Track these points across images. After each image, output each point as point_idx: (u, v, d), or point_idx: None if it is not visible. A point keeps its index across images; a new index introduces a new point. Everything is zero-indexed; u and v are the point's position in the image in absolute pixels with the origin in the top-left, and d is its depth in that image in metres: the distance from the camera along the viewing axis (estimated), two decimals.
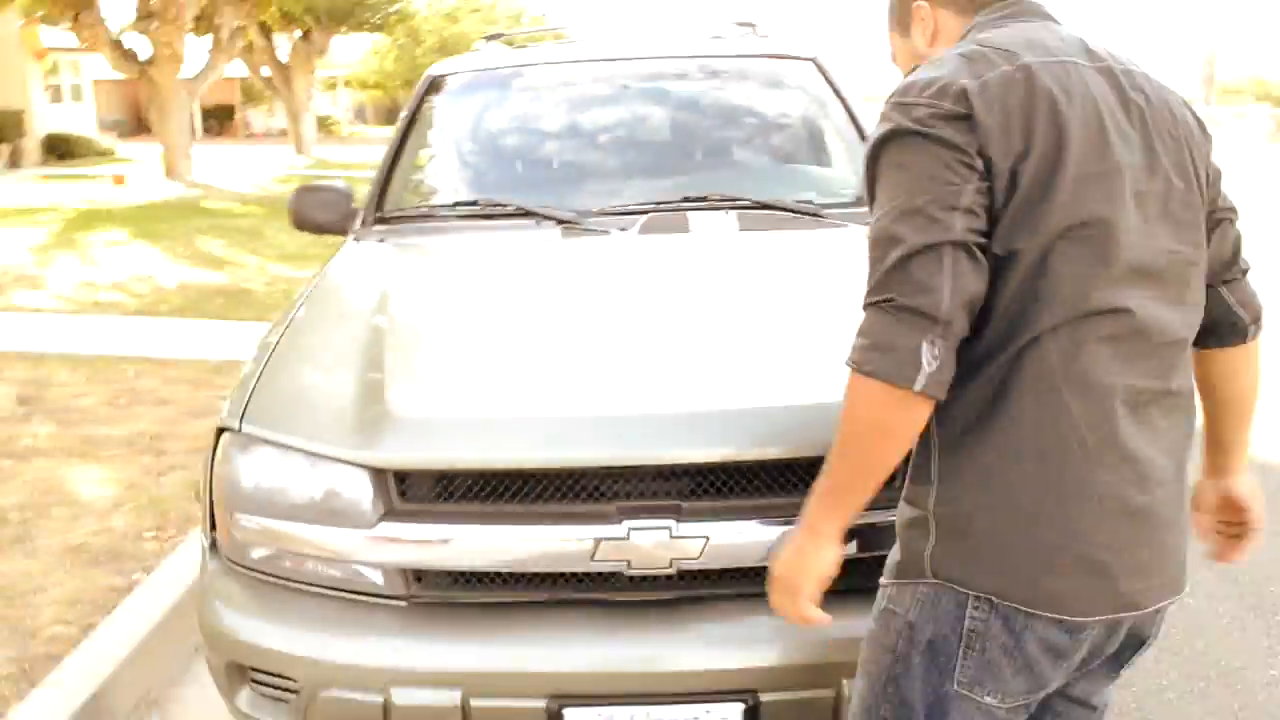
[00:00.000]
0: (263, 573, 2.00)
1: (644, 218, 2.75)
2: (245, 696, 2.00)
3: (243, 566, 2.03)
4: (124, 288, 8.04)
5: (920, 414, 1.29)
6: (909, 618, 1.41)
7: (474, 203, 3.00)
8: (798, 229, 2.77)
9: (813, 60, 3.45)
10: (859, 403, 1.31)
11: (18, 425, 4.61)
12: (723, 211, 2.80)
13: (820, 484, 1.41)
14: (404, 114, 3.45)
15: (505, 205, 2.91)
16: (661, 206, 2.83)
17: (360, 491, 1.86)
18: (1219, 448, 1.65)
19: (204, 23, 18.28)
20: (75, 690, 2.65)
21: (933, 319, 1.24)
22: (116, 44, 17.41)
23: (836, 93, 3.32)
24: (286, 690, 1.91)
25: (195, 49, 20.13)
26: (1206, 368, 1.56)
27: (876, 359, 1.27)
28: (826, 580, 1.45)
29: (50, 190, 16.57)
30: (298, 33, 24.89)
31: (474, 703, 1.77)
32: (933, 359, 1.24)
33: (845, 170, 3.12)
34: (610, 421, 1.82)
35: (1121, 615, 1.36)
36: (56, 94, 26.42)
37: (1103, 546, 1.31)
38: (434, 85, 3.48)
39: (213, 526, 2.08)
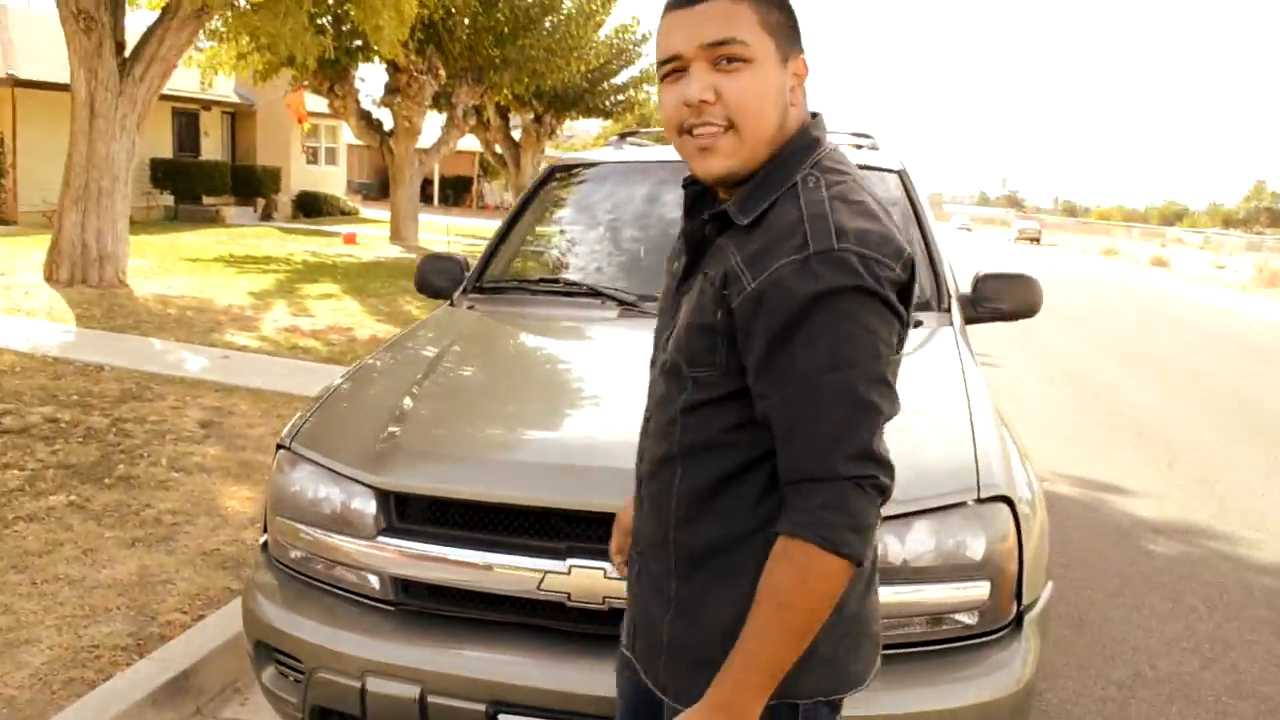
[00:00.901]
0: (296, 572, 2.39)
1: None
2: (269, 674, 2.37)
3: (282, 564, 2.43)
4: (322, 336, 8.95)
5: None
6: None
7: (556, 280, 3.39)
8: None
9: (899, 173, 3.67)
10: (821, 579, 1.27)
11: (193, 444, 5.32)
12: None
13: (748, 662, 1.30)
14: (521, 197, 3.89)
15: (579, 286, 3.27)
16: None
17: (367, 508, 2.22)
18: None
19: (443, 101, 19.98)
20: (171, 666, 3.11)
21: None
22: (364, 114, 19.29)
23: (914, 205, 3.52)
24: (296, 671, 2.28)
25: (434, 124, 22.02)
26: None
27: (854, 541, 1.26)
28: None
29: (289, 243, 18.44)
30: (532, 114, 26.69)
31: (430, 698, 2.08)
32: None
33: None
34: (568, 470, 2.10)
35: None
36: (314, 155, 29.31)
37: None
38: (548, 175, 3.92)
39: (265, 530, 2.50)
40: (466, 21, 17.60)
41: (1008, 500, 2.10)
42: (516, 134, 27.08)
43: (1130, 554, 4.73)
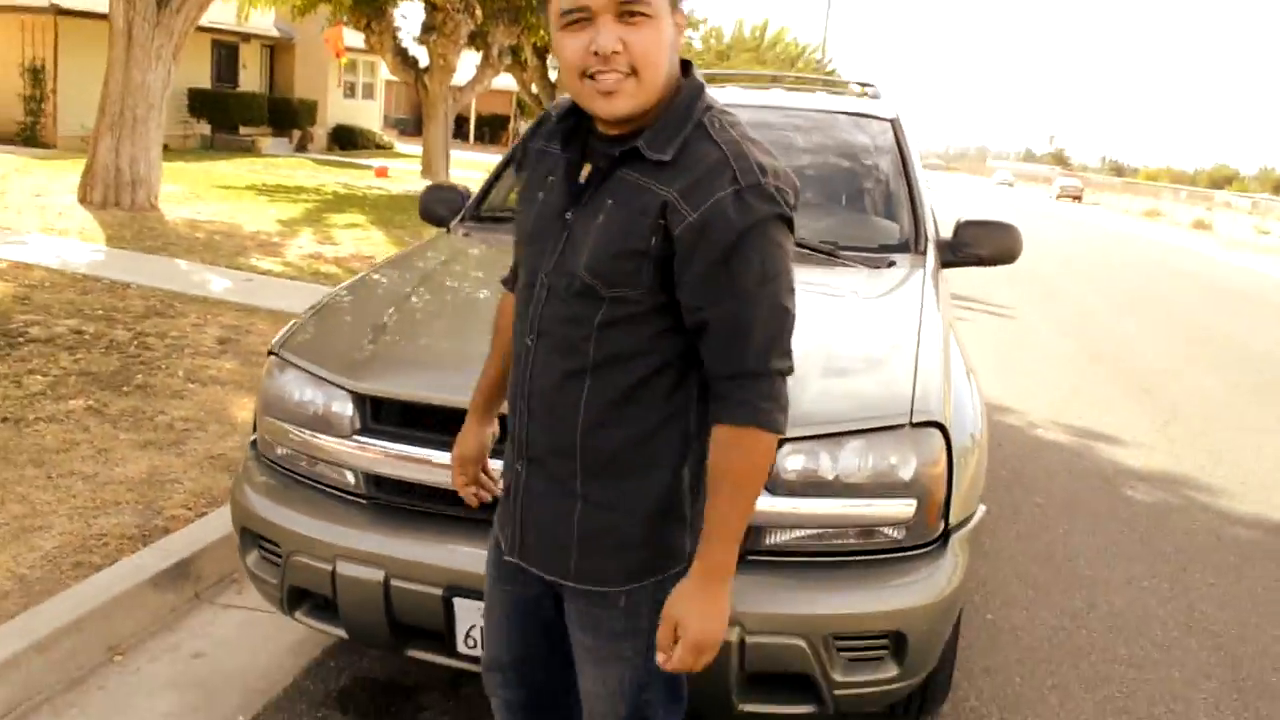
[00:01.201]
0: (281, 467, 2.57)
1: None
2: (253, 558, 2.57)
3: (268, 460, 2.61)
4: (344, 263, 9.14)
5: None
6: (656, 598, 1.62)
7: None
8: (809, 265, 3.09)
9: (892, 121, 3.74)
10: (765, 455, 1.53)
11: (209, 359, 5.53)
12: None
13: (725, 532, 1.53)
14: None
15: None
16: None
17: (345, 410, 2.39)
18: None
19: (479, 40, 19.95)
20: (172, 555, 3.33)
21: None
22: (400, 51, 19.32)
23: (902, 154, 3.61)
24: (275, 554, 2.47)
25: (471, 62, 22.00)
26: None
27: (783, 420, 1.53)
28: None
29: (321, 174, 18.63)
30: None
31: (393, 582, 2.26)
32: None
33: (881, 221, 3.41)
34: None
35: None
36: (350, 90, 29.39)
37: None
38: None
39: (254, 429, 2.68)
40: None
41: (940, 427, 2.23)
42: (554, 75, 26.98)
43: (1110, 499, 4.84)
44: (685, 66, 1.59)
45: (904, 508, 2.18)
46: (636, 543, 1.62)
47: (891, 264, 3.15)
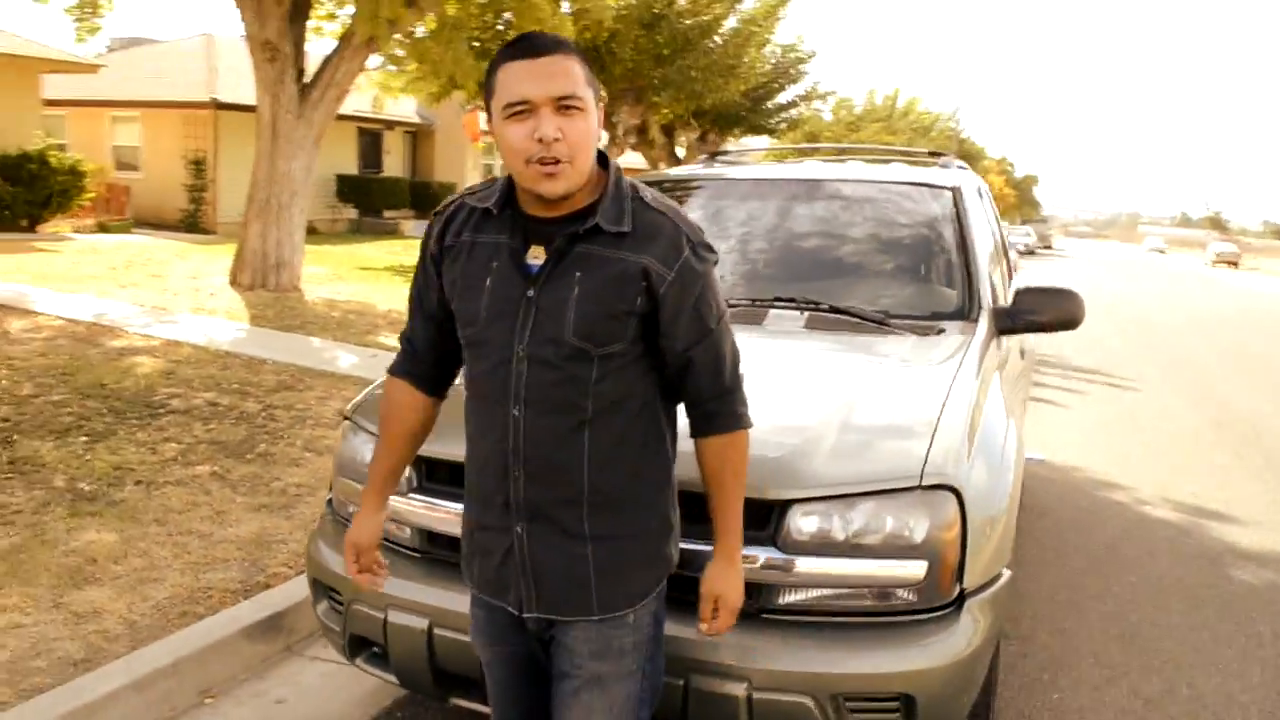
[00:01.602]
0: (349, 523, 2.80)
1: (730, 309, 3.32)
2: (322, 607, 2.79)
3: (341, 518, 2.85)
4: None
5: None
6: (654, 610, 1.92)
7: None
8: (858, 333, 3.19)
9: (953, 191, 3.83)
10: (747, 448, 1.95)
11: (328, 429, 5.92)
12: (797, 311, 3.30)
13: (738, 525, 1.95)
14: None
15: None
16: (755, 302, 3.38)
17: (407, 471, 2.60)
18: None
19: (605, 120, 20.70)
20: (268, 608, 3.60)
21: None
22: None
23: (960, 222, 3.68)
24: (339, 603, 2.68)
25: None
26: None
27: (750, 418, 1.95)
28: None
29: None
30: (697, 132, 27.18)
31: (436, 630, 2.44)
32: None
33: (937, 289, 3.48)
34: None
35: None
36: (488, 172, 30.75)
37: None
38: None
39: (330, 488, 2.93)
40: (630, 45, 18.19)
41: (954, 490, 2.29)
42: (681, 152, 27.60)
43: (1213, 579, 4.65)
44: (600, 155, 1.82)
45: (915, 570, 2.24)
46: (644, 563, 1.90)
47: (941, 331, 3.22)
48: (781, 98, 26.53)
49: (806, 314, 3.29)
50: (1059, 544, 5.05)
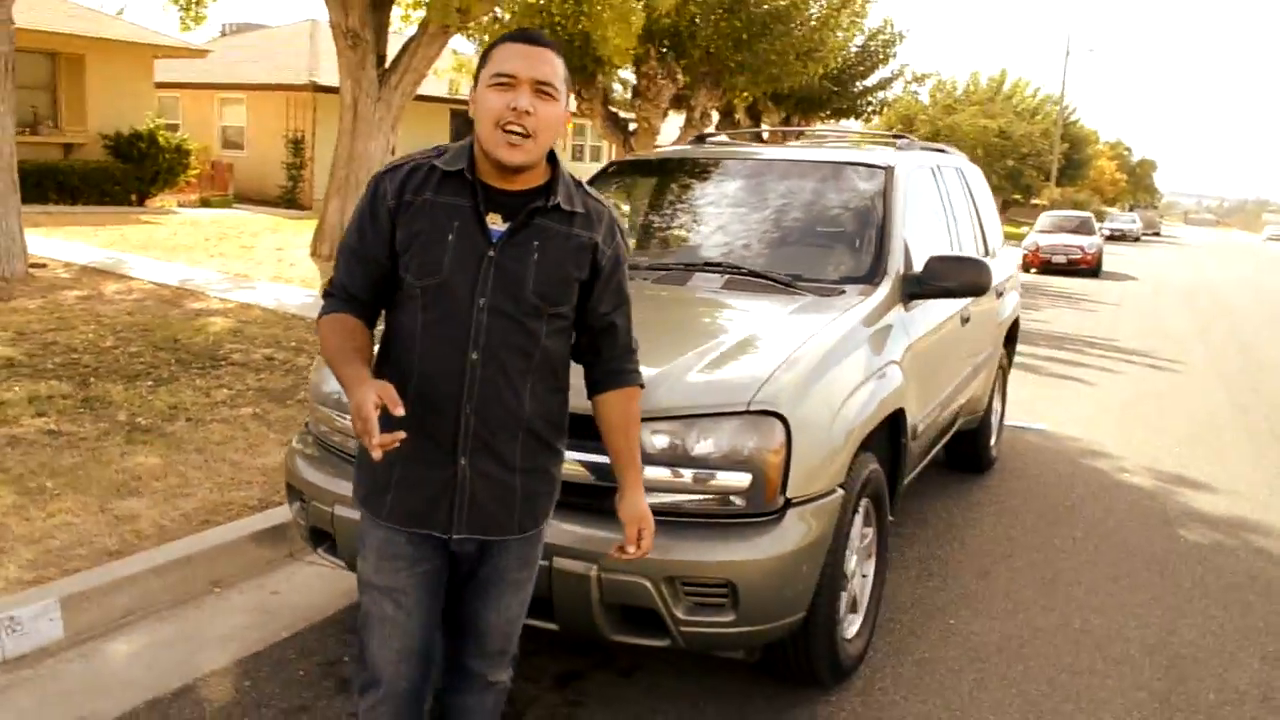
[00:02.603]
0: (319, 440, 3.38)
1: (665, 272, 3.80)
2: (295, 507, 3.38)
3: (313, 435, 3.43)
4: None
5: None
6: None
7: None
8: (767, 293, 3.63)
9: (886, 170, 4.21)
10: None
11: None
12: (718, 274, 3.75)
13: (638, 456, 2.26)
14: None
15: None
16: (686, 266, 3.85)
17: None
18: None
19: (684, 103, 21.09)
20: (275, 520, 4.21)
21: None
22: (611, 115, 20.73)
23: (885, 199, 4.06)
24: (303, 501, 3.26)
25: (675, 123, 23.20)
26: None
27: None
28: None
29: None
30: (782, 115, 27.34)
31: None
32: None
33: (851, 257, 3.89)
34: None
35: None
36: (578, 152, 31.42)
37: None
38: (607, 167, 4.76)
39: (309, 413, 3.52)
40: (709, 28, 18.53)
41: (780, 417, 2.73)
42: (764, 133, 27.79)
43: (1159, 539, 4.90)
44: (550, 153, 2.10)
45: (741, 480, 2.70)
46: (550, 490, 2.23)
47: (841, 293, 3.63)
48: (869, 81, 26.45)
49: (725, 276, 3.74)
50: (1021, 503, 5.37)
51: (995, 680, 3.40)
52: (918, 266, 3.91)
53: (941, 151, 5.45)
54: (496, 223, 2.05)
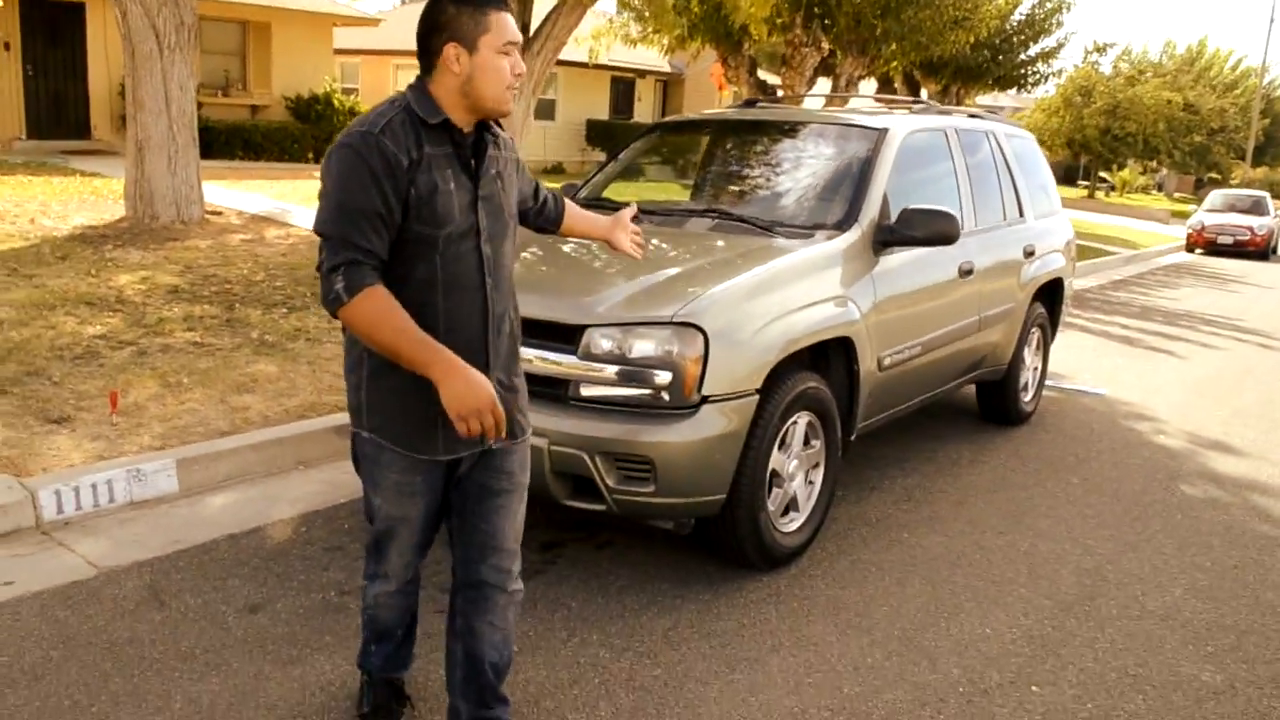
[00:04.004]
0: None
1: (667, 216, 4.45)
2: None
3: None
4: None
5: None
6: None
7: (597, 196, 4.92)
8: (746, 235, 4.22)
9: (879, 131, 4.69)
10: None
11: None
12: (709, 218, 4.37)
13: None
14: (631, 142, 5.43)
15: (609, 201, 4.77)
16: (687, 212, 4.49)
17: None
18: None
19: (830, 71, 21.26)
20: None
21: None
22: (758, 82, 21.13)
23: (871, 159, 4.55)
24: None
25: (824, 88, 23.32)
26: None
27: None
28: None
29: None
30: (941, 85, 26.99)
31: None
32: None
33: (831, 206, 4.41)
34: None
35: None
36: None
37: None
38: (654, 127, 5.42)
39: None
40: None
41: (700, 329, 3.36)
42: (924, 94, 27.47)
43: (1156, 491, 5.19)
44: None
45: (664, 378, 3.34)
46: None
47: (810, 236, 4.18)
48: (1033, 50, 25.76)
49: (715, 221, 4.36)
50: (1036, 451, 5.74)
51: (917, 580, 3.92)
52: None
53: (978, 118, 5.82)
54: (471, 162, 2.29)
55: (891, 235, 4.32)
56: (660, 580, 3.75)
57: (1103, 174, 43.30)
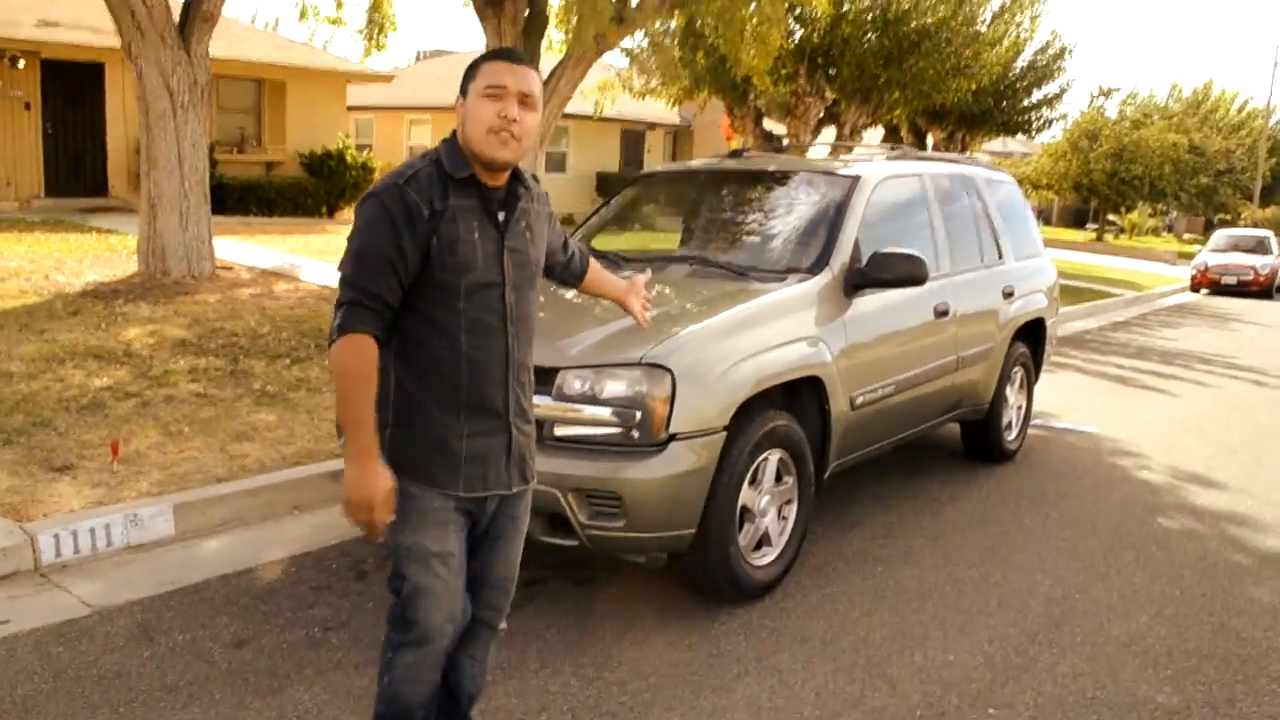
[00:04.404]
0: None
1: (646, 262, 4.64)
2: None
3: None
4: None
5: None
6: None
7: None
8: (722, 279, 4.40)
9: (852, 179, 4.87)
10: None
11: None
12: (687, 265, 4.55)
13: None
14: (619, 195, 5.63)
15: (594, 250, 4.96)
16: (664, 259, 4.68)
17: None
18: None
19: (835, 119, 21.60)
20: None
21: None
22: (763, 132, 21.49)
23: (844, 203, 4.73)
24: None
25: (827, 138, 23.66)
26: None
27: None
28: None
29: None
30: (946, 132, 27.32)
31: None
32: None
33: (804, 251, 4.58)
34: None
35: None
36: None
37: None
38: (639, 179, 5.64)
39: None
40: (859, 45, 19.03)
41: (668, 370, 3.51)
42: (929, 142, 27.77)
43: (1129, 520, 5.29)
44: None
45: (633, 416, 3.49)
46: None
47: (782, 280, 4.34)
48: (1036, 96, 26.11)
49: (692, 266, 4.53)
50: (1016, 488, 5.84)
51: (885, 611, 4.02)
52: None
53: (954, 163, 6.01)
54: (499, 214, 2.38)
55: (862, 278, 4.48)
56: (636, 614, 3.87)
57: (1111, 217, 43.43)
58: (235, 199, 17.02)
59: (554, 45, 14.87)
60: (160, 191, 9.81)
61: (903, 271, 4.44)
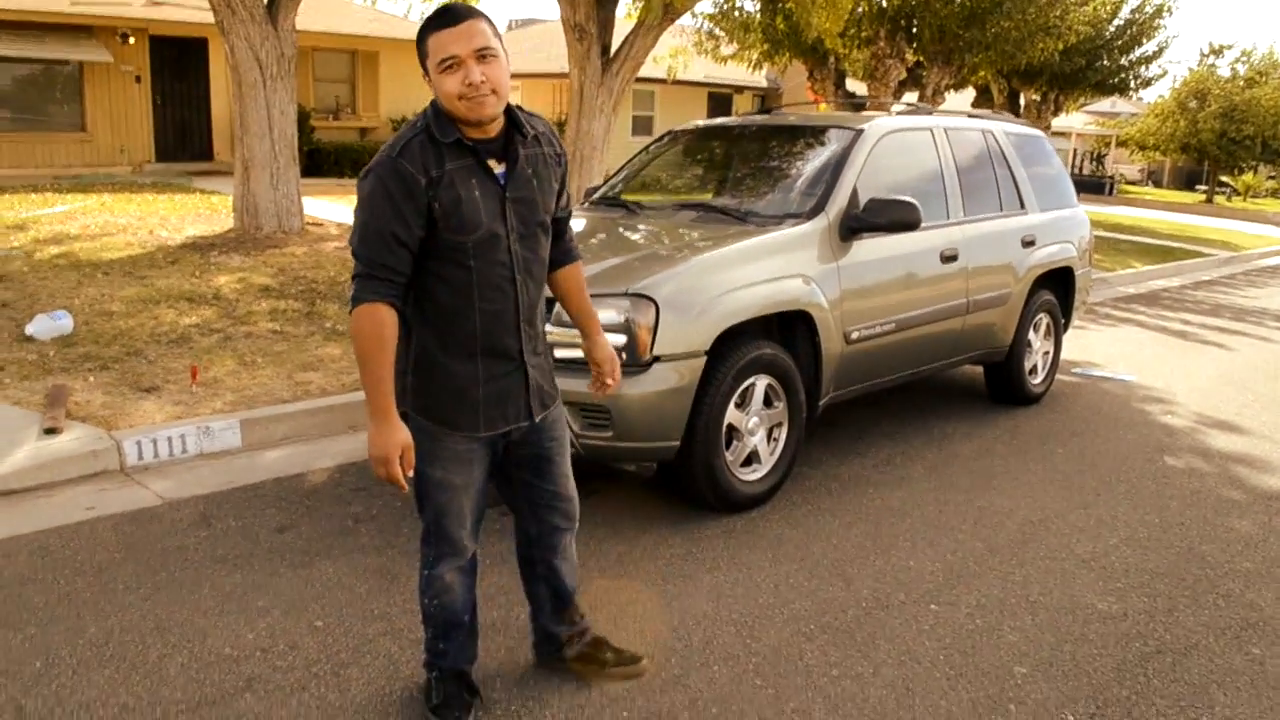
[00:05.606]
0: None
1: (659, 210, 5.03)
2: None
3: None
4: None
5: None
6: None
7: (610, 195, 5.52)
8: (723, 224, 4.77)
9: (858, 131, 5.17)
10: None
11: None
12: (693, 211, 4.94)
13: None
14: (646, 148, 6.03)
15: (619, 199, 5.37)
16: (676, 206, 5.07)
17: None
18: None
19: (917, 83, 21.44)
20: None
21: None
22: (846, 94, 21.47)
23: (847, 155, 5.03)
24: None
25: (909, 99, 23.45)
26: None
27: None
28: None
29: None
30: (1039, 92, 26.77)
31: None
32: None
33: (803, 198, 4.91)
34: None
35: None
36: None
37: None
38: (669, 133, 6.01)
39: None
40: (939, 4, 18.86)
41: (651, 299, 3.92)
42: (1023, 100, 27.24)
43: (1136, 458, 5.49)
44: None
45: (620, 339, 3.91)
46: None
47: (779, 225, 4.69)
48: (1133, 55, 25.39)
49: (698, 213, 4.91)
50: (1033, 427, 6.06)
51: (863, 524, 4.38)
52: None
53: (978, 118, 6.23)
54: (500, 166, 2.42)
55: (858, 223, 4.79)
56: (629, 519, 4.31)
57: (1225, 179, 41.77)
58: (331, 162, 17.88)
59: (631, 13, 15.26)
60: (253, 154, 10.55)
61: (895, 216, 4.74)
